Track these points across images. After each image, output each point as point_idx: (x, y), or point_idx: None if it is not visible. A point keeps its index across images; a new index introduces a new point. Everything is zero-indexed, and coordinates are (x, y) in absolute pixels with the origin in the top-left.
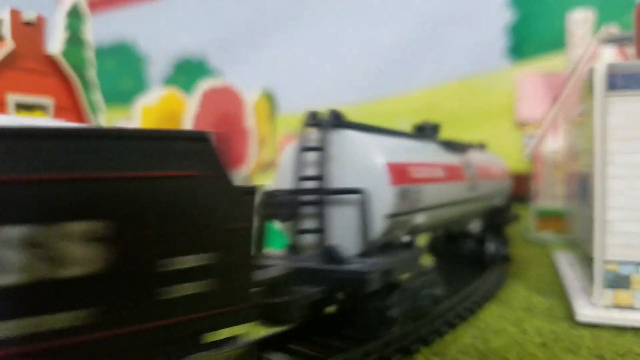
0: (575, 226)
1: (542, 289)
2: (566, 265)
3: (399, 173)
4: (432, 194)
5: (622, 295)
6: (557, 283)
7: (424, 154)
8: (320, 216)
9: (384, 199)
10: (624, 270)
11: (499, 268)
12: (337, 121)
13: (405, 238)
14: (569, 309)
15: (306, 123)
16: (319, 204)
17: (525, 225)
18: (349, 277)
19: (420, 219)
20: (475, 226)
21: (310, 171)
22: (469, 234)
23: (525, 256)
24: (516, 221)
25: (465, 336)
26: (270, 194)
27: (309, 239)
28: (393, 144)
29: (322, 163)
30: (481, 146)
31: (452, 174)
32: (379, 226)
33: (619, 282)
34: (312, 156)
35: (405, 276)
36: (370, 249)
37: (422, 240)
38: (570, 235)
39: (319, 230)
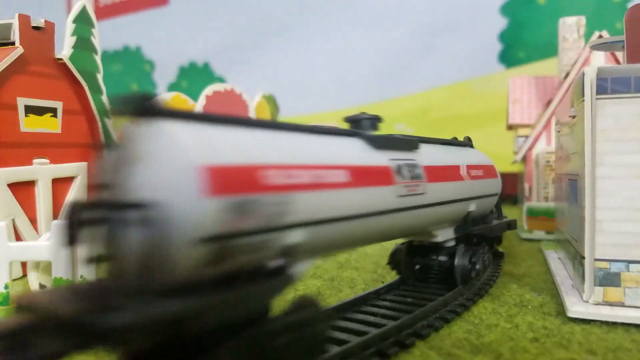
0: (566, 225)
1: (534, 286)
2: (558, 263)
3: (235, 178)
4: (317, 204)
5: (613, 292)
6: (549, 280)
7: (311, 153)
8: (106, 240)
9: (194, 216)
10: (615, 268)
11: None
12: (147, 108)
13: (276, 262)
14: (560, 305)
15: (111, 111)
16: (103, 222)
17: (518, 224)
18: (102, 333)
19: (295, 237)
20: (444, 236)
21: (107, 177)
22: (440, 246)
23: (518, 254)
24: (510, 229)
25: (460, 331)
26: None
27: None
28: (241, 140)
29: (116, 165)
30: (465, 142)
31: (367, 177)
32: (185, 254)
33: (609, 279)
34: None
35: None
36: (178, 287)
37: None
38: (560, 234)
39: (100, 260)
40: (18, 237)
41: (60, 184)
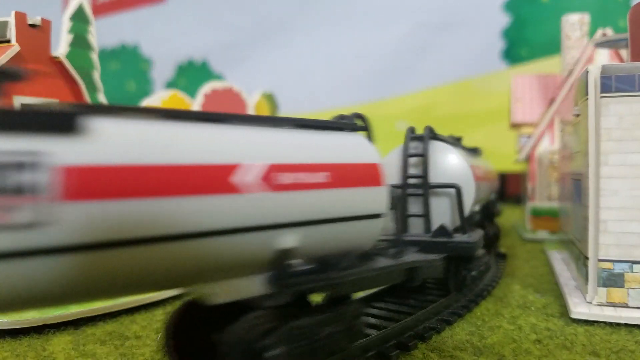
0: (570, 225)
1: (537, 287)
2: (561, 264)
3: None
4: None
5: (616, 293)
6: (552, 281)
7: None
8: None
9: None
10: (619, 268)
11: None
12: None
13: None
14: (563, 306)
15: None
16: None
17: (522, 224)
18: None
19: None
20: None
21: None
22: None
23: (521, 254)
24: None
25: (462, 332)
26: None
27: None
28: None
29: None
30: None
31: None
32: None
33: (613, 280)
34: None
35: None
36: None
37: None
38: (564, 234)
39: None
40: None
41: None
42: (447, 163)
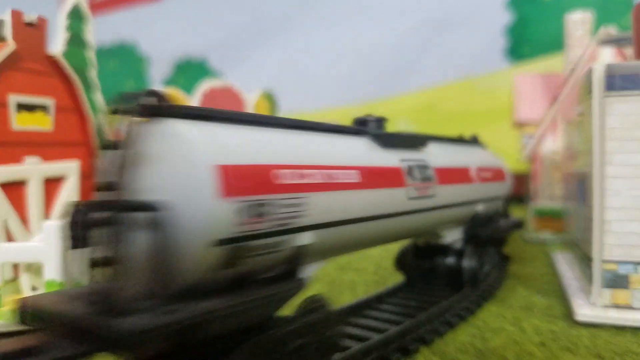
0: (573, 226)
1: (540, 289)
2: (565, 265)
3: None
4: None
5: (621, 295)
6: (555, 282)
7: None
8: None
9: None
10: (623, 269)
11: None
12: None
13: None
14: (567, 308)
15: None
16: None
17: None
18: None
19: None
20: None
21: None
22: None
23: (524, 256)
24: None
25: (464, 335)
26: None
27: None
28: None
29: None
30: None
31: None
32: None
33: (617, 281)
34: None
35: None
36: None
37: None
38: (568, 235)
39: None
40: (9, 239)
41: (50, 183)
42: (174, 160)
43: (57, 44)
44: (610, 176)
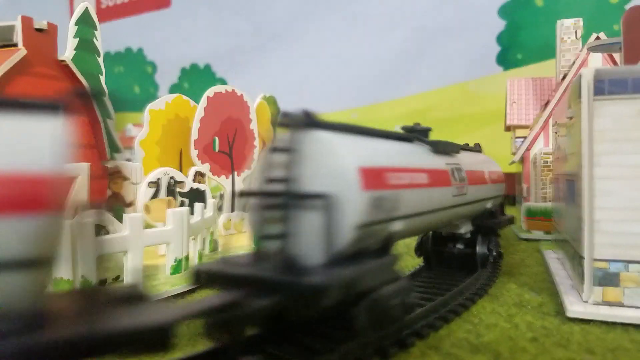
0: (564, 225)
1: (533, 286)
2: (556, 263)
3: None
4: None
5: (612, 292)
6: (548, 280)
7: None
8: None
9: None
10: (614, 268)
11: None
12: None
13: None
14: (559, 305)
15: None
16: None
17: (517, 224)
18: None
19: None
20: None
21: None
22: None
23: (517, 254)
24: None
25: (459, 330)
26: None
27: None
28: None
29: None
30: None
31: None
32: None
33: (608, 279)
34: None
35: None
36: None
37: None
38: (558, 234)
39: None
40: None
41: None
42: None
43: (66, 49)
44: (599, 177)
